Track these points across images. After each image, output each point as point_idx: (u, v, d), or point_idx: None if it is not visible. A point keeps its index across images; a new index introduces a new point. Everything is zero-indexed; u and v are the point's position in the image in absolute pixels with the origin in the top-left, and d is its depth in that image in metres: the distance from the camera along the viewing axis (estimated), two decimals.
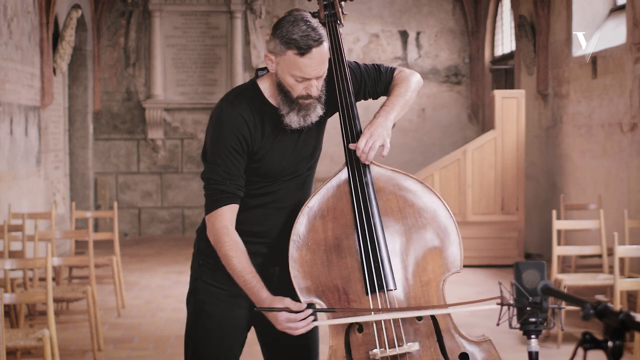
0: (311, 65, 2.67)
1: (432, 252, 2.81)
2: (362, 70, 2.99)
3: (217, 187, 2.75)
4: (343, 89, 2.90)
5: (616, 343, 1.67)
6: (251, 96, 2.82)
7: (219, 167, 2.75)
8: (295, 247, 2.77)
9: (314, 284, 2.75)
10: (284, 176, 2.87)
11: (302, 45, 2.64)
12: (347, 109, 2.88)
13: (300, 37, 2.65)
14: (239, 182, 2.78)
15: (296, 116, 2.76)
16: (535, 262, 2.33)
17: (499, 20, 12.54)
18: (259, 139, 2.79)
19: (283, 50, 2.68)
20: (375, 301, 2.73)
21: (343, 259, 2.77)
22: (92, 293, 5.95)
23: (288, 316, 2.64)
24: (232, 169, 2.75)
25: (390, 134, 2.83)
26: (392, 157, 12.78)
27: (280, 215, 2.88)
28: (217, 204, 2.75)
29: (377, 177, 2.85)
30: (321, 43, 2.67)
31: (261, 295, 2.68)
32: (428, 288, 2.79)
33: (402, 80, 3.00)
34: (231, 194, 2.76)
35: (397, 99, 2.92)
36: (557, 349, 6.03)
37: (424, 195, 2.84)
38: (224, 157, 2.75)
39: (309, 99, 2.74)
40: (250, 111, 2.78)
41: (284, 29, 2.68)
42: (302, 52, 2.65)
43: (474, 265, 9.47)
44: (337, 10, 3.08)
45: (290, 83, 2.72)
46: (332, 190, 2.83)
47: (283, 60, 2.69)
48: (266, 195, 2.87)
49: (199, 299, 2.90)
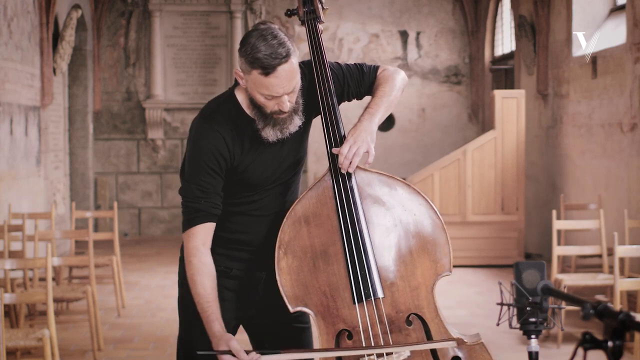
0: (278, 84, 2.57)
1: (420, 255, 2.75)
2: (344, 71, 2.90)
3: (192, 205, 2.71)
4: (324, 91, 2.80)
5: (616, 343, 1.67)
6: (229, 109, 2.74)
7: (195, 185, 2.70)
8: (282, 254, 2.71)
9: (301, 291, 2.70)
10: (268, 184, 2.82)
11: (267, 65, 2.54)
12: (329, 112, 2.79)
13: (264, 55, 2.53)
14: (215, 200, 2.72)
15: (272, 130, 2.69)
16: (535, 262, 2.33)
17: (499, 20, 12.54)
18: (238, 154, 2.72)
19: (249, 70, 2.59)
20: (363, 309, 2.68)
21: (330, 266, 2.71)
22: (92, 293, 5.95)
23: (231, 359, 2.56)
24: (207, 187, 2.70)
25: (374, 139, 2.74)
26: (392, 157, 12.78)
27: (265, 222, 2.83)
28: (191, 222, 2.71)
29: (362, 181, 2.76)
30: (287, 60, 2.55)
31: (213, 327, 2.62)
32: (418, 292, 2.73)
33: (386, 80, 2.88)
34: (206, 212, 2.70)
35: (381, 100, 2.83)
36: (557, 349, 6.03)
37: (410, 198, 2.77)
38: (199, 176, 2.69)
39: (282, 114, 2.67)
40: (228, 126, 2.71)
41: (248, 47, 2.57)
42: (267, 72, 2.55)
43: (474, 265, 9.48)
44: (317, 6, 2.95)
45: (261, 101, 2.64)
46: (316, 195, 2.75)
47: (250, 79, 2.61)
48: (250, 203, 2.82)
49: (185, 305, 2.86)
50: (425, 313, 2.73)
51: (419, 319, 2.73)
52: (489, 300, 7.58)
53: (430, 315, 2.73)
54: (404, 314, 2.72)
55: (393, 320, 2.71)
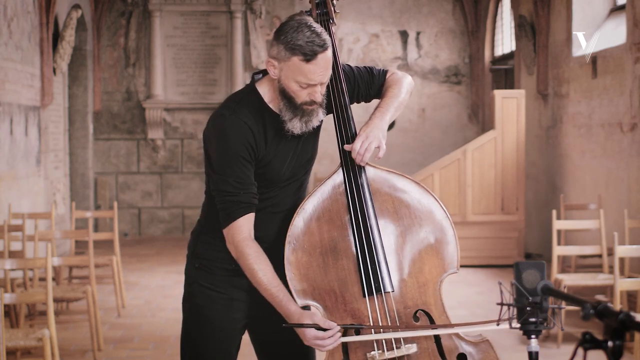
0: (316, 72, 2.64)
1: (429, 252, 2.79)
2: (355, 73, 2.97)
3: (231, 199, 2.70)
4: (337, 90, 2.87)
5: (616, 343, 1.67)
6: (252, 102, 2.77)
7: (230, 177, 2.70)
8: (291, 249, 2.74)
9: (310, 286, 2.73)
10: (284, 181, 2.84)
11: (308, 52, 2.61)
12: (341, 111, 2.86)
13: (305, 43, 2.61)
14: (252, 190, 2.73)
15: (299, 122, 2.73)
16: (535, 262, 2.33)
17: (499, 20, 12.54)
18: (262, 146, 2.75)
19: (288, 57, 2.64)
20: (373, 304, 2.71)
21: (339, 261, 2.75)
22: (92, 293, 5.95)
23: (316, 333, 2.62)
24: (243, 178, 2.70)
25: (385, 136, 2.80)
26: (392, 157, 12.78)
27: (276, 219, 2.85)
28: (233, 215, 2.71)
29: (373, 178, 2.83)
30: (326, 49, 2.64)
31: (289, 308, 2.66)
32: (425, 289, 2.77)
33: (395, 83, 2.97)
34: (247, 203, 2.71)
35: (391, 101, 2.90)
36: (557, 349, 6.03)
37: (419, 196, 2.82)
38: (234, 167, 2.70)
39: (313, 105, 2.71)
40: (253, 118, 2.74)
41: (288, 35, 2.64)
42: (308, 59, 2.62)
43: (474, 265, 9.48)
44: (330, 9, 3.02)
45: (294, 89, 2.68)
46: (327, 192, 2.80)
47: (287, 67, 2.66)
48: (265, 200, 2.83)
49: (195, 303, 2.86)
50: (432, 310, 2.77)
51: (426, 315, 2.76)
52: (489, 300, 7.58)
53: (438, 312, 2.77)
54: (411, 310, 2.76)
55: (401, 315, 2.74)
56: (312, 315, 2.64)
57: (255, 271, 2.69)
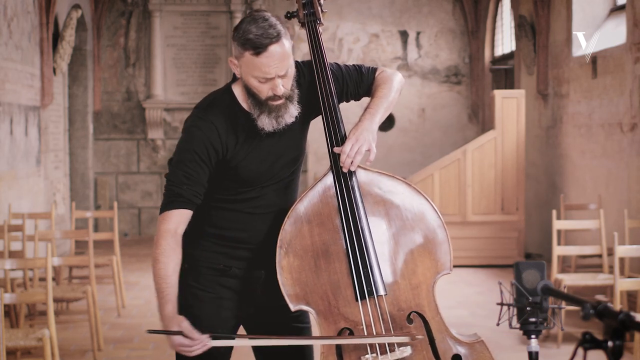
0: (270, 64, 2.61)
1: (421, 254, 2.77)
2: (344, 71, 2.93)
3: (174, 190, 2.73)
4: (325, 91, 2.83)
5: (616, 343, 1.67)
6: (225, 102, 2.77)
7: (181, 171, 2.72)
8: (283, 253, 2.72)
9: (302, 290, 2.71)
10: (264, 181, 2.82)
11: (258, 45, 2.59)
12: (330, 112, 2.81)
13: (255, 35, 2.59)
14: (198, 189, 2.73)
15: (267, 118, 2.71)
16: (535, 262, 2.33)
17: (499, 20, 12.54)
18: (232, 146, 2.74)
19: (241, 52, 2.63)
20: (366, 307, 2.70)
21: (331, 265, 2.72)
22: (92, 293, 5.95)
23: (182, 341, 2.63)
24: (192, 174, 2.72)
25: (375, 138, 2.77)
26: (392, 157, 12.79)
27: (264, 220, 2.84)
28: (168, 206, 2.74)
29: (363, 180, 2.79)
30: (279, 40, 2.60)
31: (166, 309, 2.67)
32: (418, 291, 2.75)
33: (385, 81, 2.91)
34: (185, 199, 2.72)
35: (381, 101, 2.85)
36: (557, 349, 6.03)
37: (411, 197, 2.79)
38: (186, 162, 2.72)
39: (278, 99, 2.69)
40: (222, 118, 2.73)
41: (240, 30, 2.63)
42: (259, 52, 2.59)
43: (474, 265, 9.48)
44: (316, 9, 2.98)
45: (255, 85, 2.67)
46: (317, 194, 2.77)
47: (244, 63, 2.65)
48: (248, 201, 2.82)
49: (185, 303, 2.85)
50: (426, 311, 2.75)
51: (419, 317, 2.75)
52: (489, 300, 7.58)
53: (431, 313, 2.75)
54: (405, 312, 2.74)
55: (394, 318, 2.73)
56: (181, 322, 2.63)
57: (158, 262, 2.72)
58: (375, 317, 2.70)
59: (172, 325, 2.63)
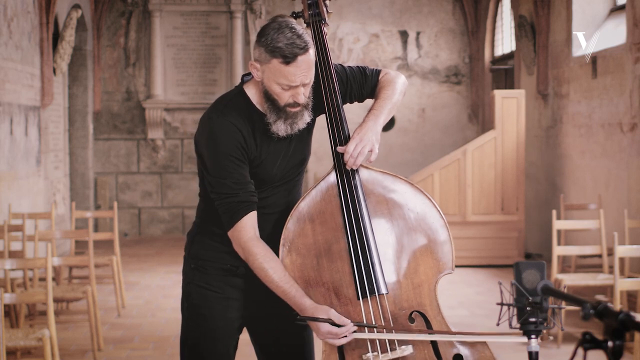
0: (297, 74, 2.63)
1: (423, 253, 2.78)
2: (348, 73, 2.95)
3: (231, 200, 2.70)
4: (330, 91, 2.85)
5: (616, 343, 1.67)
6: (240, 104, 2.78)
7: (226, 179, 2.70)
8: (285, 251, 2.74)
9: (304, 288, 2.72)
10: (275, 182, 2.84)
11: (288, 54, 2.60)
12: (334, 112, 2.84)
13: (285, 45, 2.60)
14: (250, 188, 2.74)
15: (283, 124, 2.72)
16: (535, 262, 2.33)
17: (499, 20, 12.54)
18: (252, 147, 2.75)
19: (268, 59, 2.64)
20: (367, 306, 2.70)
21: (334, 263, 2.74)
22: (92, 293, 5.95)
23: (330, 328, 2.62)
24: (239, 177, 2.71)
25: (379, 139, 2.80)
26: (392, 157, 12.79)
27: (270, 220, 2.85)
28: (235, 216, 2.71)
29: (366, 180, 2.81)
30: (307, 50, 2.63)
31: (303, 303, 2.66)
32: (420, 290, 2.76)
33: (389, 83, 2.94)
34: (247, 202, 2.71)
35: (385, 102, 2.88)
36: (557, 349, 6.03)
37: (413, 197, 2.80)
38: (228, 169, 2.70)
39: (297, 107, 2.71)
40: (242, 119, 2.74)
41: (268, 36, 2.64)
42: (288, 61, 2.61)
43: (474, 265, 9.48)
44: (322, 9, 3.01)
45: (277, 91, 2.68)
46: (320, 193, 2.79)
47: (268, 69, 2.66)
48: (258, 201, 2.82)
49: (192, 303, 2.88)
50: (427, 311, 2.76)
51: (421, 317, 2.75)
52: (489, 300, 7.58)
53: (433, 312, 2.76)
54: (406, 311, 2.74)
55: (396, 317, 2.73)
56: (327, 310, 2.64)
57: (266, 270, 2.69)
58: (377, 315, 2.71)
59: (319, 314, 2.63)
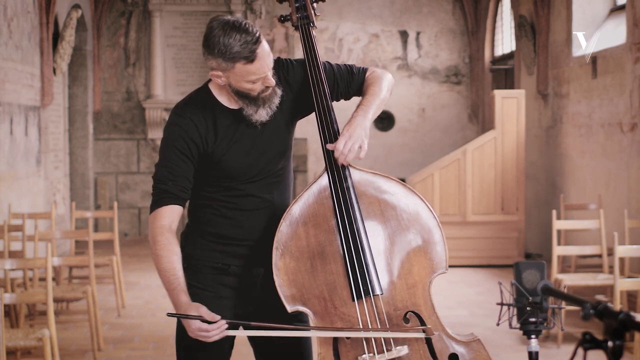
0: (262, 65, 2.69)
1: (417, 253, 2.79)
2: (335, 71, 2.97)
3: (160, 187, 2.79)
4: (319, 92, 2.88)
5: (616, 343, 1.67)
6: (202, 99, 2.84)
7: (164, 167, 2.79)
8: (279, 254, 2.74)
9: (299, 291, 2.73)
10: (252, 176, 2.85)
11: (248, 54, 2.65)
12: (324, 111, 2.86)
13: (241, 47, 2.65)
14: (184, 183, 2.79)
15: (263, 110, 2.78)
16: (535, 262, 2.33)
17: (499, 20, 12.54)
18: (212, 141, 2.79)
19: (231, 65, 2.68)
20: (362, 307, 2.71)
21: (328, 265, 2.74)
22: (92, 293, 5.95)
23: (200, 325, 2.62)
24: (176, 169, 2.77)
25: (368, 135, 2.81)
26: (392, 157, 12.78)
27: (258, 217, 2.87)
28: (157, 203, 2.78)
29: (358, 181, 2.82)
30: (261, 41, 2.68)
31: (179, 298, 2.67)
32: (414, 290, 2.77)
33: (376, 80, 2.96)
34: (173, 194, 2.77)
35: (373, 98, 2.90)
36: (557, 349, 6.03)
37: (405, 197, 2.81)
38: (168, 158, 2.78)
39: (268, 89, 2.77)
40: (200, 114, 2.80)
41: (219, 45, 2.66)
42: (251, 59, 2.66)
43: (474, 265, 9.48)
44: (310, 12, 3.04)
45: (249, 87, 2.73)
46: (313, 195, 2.80)
47: (234, 74, 2.70)
48: (240, 197, 2.86)
49: None
50: (422, 311, 2.76)
51: (416, 317, 2.76)
52: (489, 300, 7.58)
53: (427, 312, 2.77)
54: (401, 312, 2.75)
55: (391, 317, 2.74)
56: (198, 307, 2.64)
57: (160, 257, 2.72)
58: (371, 316, 2.72)
59: (190, 311, 2.64)
